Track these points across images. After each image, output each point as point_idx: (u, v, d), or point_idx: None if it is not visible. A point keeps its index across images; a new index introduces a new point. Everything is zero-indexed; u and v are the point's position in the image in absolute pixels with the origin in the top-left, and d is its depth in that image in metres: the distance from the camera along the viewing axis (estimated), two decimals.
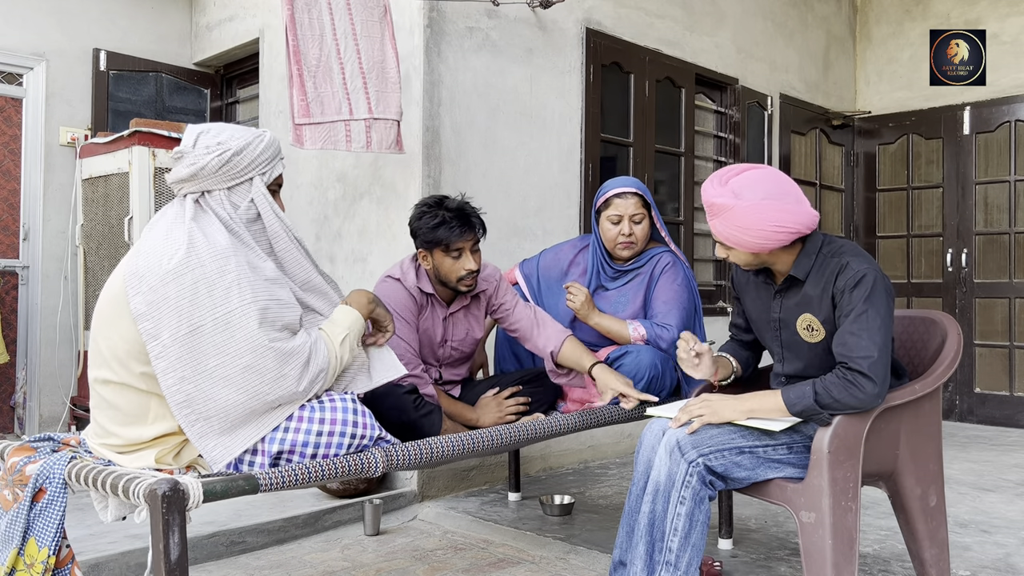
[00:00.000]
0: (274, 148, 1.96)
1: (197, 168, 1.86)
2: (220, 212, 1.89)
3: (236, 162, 1.88)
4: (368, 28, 3.27)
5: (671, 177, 4.83)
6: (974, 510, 3.38)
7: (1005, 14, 5.52)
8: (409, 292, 2.61)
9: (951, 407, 5.63)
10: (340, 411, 1.93)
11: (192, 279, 1.77)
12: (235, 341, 1.78)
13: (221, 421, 1.80)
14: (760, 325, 2.30)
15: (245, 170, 1.90)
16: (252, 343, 1.78)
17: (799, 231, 2.03)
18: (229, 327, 1.77)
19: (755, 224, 2.00)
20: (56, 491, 1.79)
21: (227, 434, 1.81)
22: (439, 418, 2.46)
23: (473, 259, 2.56)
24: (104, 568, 2.60)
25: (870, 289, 1.98)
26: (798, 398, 1.99)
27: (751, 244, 2.04)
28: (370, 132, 3.33)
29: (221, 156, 1.86)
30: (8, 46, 4.42)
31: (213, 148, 1.87)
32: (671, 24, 4.70)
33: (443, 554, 2.90)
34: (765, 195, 2.00)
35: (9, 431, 4.47)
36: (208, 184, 1.89)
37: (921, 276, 5.91)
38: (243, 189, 1.92)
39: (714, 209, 2.05)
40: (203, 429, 1.80)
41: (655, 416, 2.23)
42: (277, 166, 1.98)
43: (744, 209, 1.99)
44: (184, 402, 1.78)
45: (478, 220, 2.57)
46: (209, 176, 1.87)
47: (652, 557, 2.00)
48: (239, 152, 1.88)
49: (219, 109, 5.14)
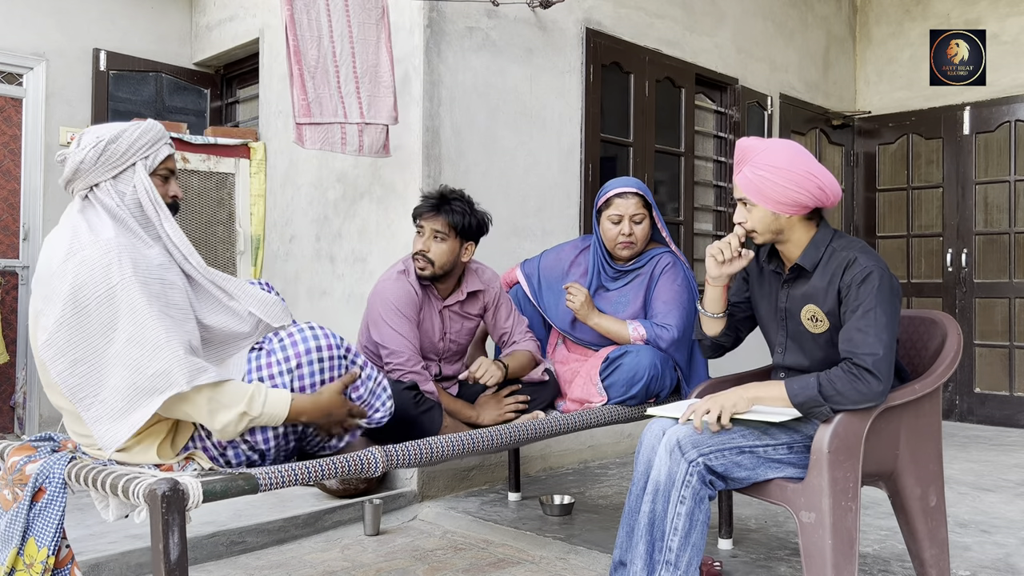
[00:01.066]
0: (154, 132, 1.95)
1: (77, 163, 1.88)
2: (107, 202, 1.89)
3: (113, 150, 1.89)
4: (364, 31, 3.27)
5: (671, 177, 4.83)
6: (974, 510, 3.38)
7: (1005, 14, 5.52)
8: (411, 286, 2.65)
9: (951, 407, 5.63)
10: (301, 342, 1.95)
11: (75, 265, 1.78)
12: (119, 315, 1.76)
13: (114, 402, 1.76)
14: (766, 314, 2.30)
15: (124, 156, 1.90)
16: (134, 314, 1.76)
17: (823, 191, 2.06)
18: (112, 302, 1.76)
19: (787, 163, 2.04)
20: (56, 491, 1.79)
21: (119, 419, 1.75)
22: (439, 415, 2.46)
23: (428, 243, 2.61)
24: (104, 568, 2.60)
25: (878, 286, 1.99)
26: (801, 388, 1.99)
27: (779, 192, 2.05)
28: (362, 136, 3.35)
29: (96, 147, 1.88)
30: (8, 46, 4.42)
31: (90, 142, 1.89)
32: (671, 24, 4.70)
33: (443, 554, 2.90)
34: (794, 147, 2.11)
35: (9, 431, 4.47)
36: (92, 177, 1.89)
37: (921, 276, 5.91)
38: (127, 176, 1.92)
39: (746, 153, 2.09)
40: (99, 412, 1.76)
41: (655, 416, 2.23)
42: (161, 150, 1.96)
43: (777, 151, 2.06)
44: (78, 385, 1.76)
45: (454, 210, 2.61)
46: (90, 169, 1.88)
47: (652, 557, 2.00)
48: (114, 140, 1.89)
49: (219, 109, 5.14)
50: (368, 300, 2.72)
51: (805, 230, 2.13)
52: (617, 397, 2.73)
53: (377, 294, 2.66)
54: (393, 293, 2.61)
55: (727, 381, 2.48)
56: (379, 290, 2.66)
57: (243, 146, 4.33)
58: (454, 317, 2.77)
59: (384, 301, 2.61)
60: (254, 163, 4.36)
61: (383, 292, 2.64)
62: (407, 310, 2.60)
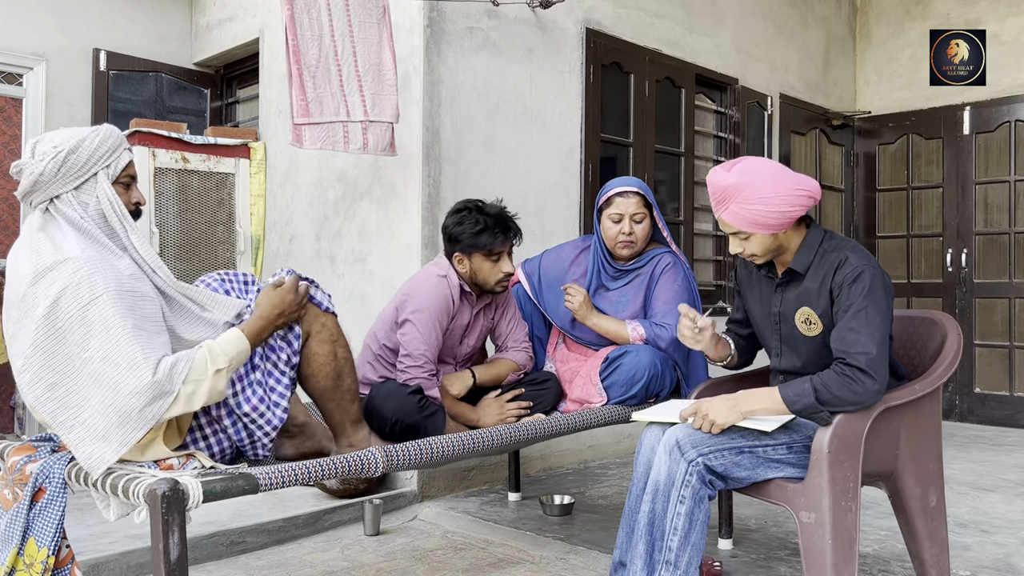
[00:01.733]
0: (113, 139, 1.90)
1: (36, 175, 1.81)
2: (70, 214, 1.84)
3: (73, 161, 1.83)
4: (366, 30, 3.28)
5: (671, 177, 4.83)
6: (974, 510, 3.38)
7: (1005, 14, 5.52)
8: (450, 292, 2.65)
9: (951, 407, 5.63)
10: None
11: (44, 287, 1.74)
12: (93, 334, 1.73)
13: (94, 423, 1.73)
14: (760, 320, 2.30)
15: (85, 167, 1.85)
16: (108, 331, 1.73)
17: (812, 195, 2.06)
18: (85, 321, 1.73)
19: (776, 191, 2.02)
20: (56, 491, 1.79)
21: (101, 440, 1.73)
22: (443, 419, 2.47)
23: (510, 263, 2.67)
24: (104, 568, 2.60)
25: (869, 285, 1.99)
26: (798, 396, 1.98)
27: (774, 217, 2.04)
28: (366, 134, 3.34)
29: (56, 158, 1.81)
30: (8, 46, 4.42)
31: (48, 153, 1.82)
32: (671, 24, 4.70)
33: (443, 554, 2.90)
34: (771, 168, 2.06)
35: (9, 431, 4.47)
36: (53, 189, 1.83)
37: (921, 276, 5.91)
38: (89, 187, 1.86)
39: (728, 193, 2.05)
40: (80, 435, 1.74)
41: (640, 420, 2.23)
42: (121, 157, 1.92)
43: (760, 181, 2.02)
44: (57, 410, 1.74)
45: (515, 226, 2.68)
46: (50, 181, 1.82)
47: (652, 557, 2.00)
48: (74, 150, 1.83)
49: (219, 109, 5.14)
50: (401, 294, 2.68)
51: (797, 235, 2.14)
52: (617, 397, 2.73)
53: (415, 295, 2.62)
54: (432, 298, 2.60)
55: (727, 381, 2.48)
56: (419, 292, 2.63)
57: (243, 146, 4.33)
58: (480, 320, 2.80)
59: (421, 303, 2.59)
60: (254, 163, 4.36)
61: (422, 295, 2.61)
62: (441, 317, 2.61)
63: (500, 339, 2.90)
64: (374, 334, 2.74)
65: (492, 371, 2.80)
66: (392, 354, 2.67)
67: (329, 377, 2.11)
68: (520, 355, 2.87)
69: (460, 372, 2.75)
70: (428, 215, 3.53)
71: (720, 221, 2.13)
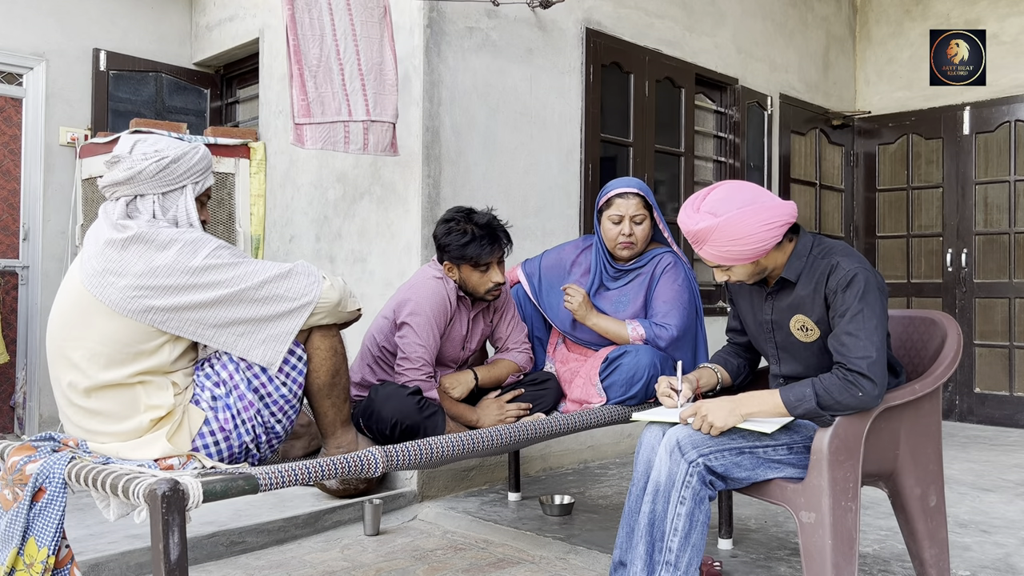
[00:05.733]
0: (207, 160, 2.07)
1: (135, 172, 1.94)
2: (148, 214, 1.98)
3: (173, 169, 1.98)
4: (367, 29, 3.28)
5: (671, 177, 4.83)
6: (974, 510, 3.38)
7: (1005, 14, 5.52)
8: (447, 294, 2.65)
9: (951, 407, 5.63)
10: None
11: (177, 249, 1.90)
12: (238, 269, 1.94)
13: (258, 331, 1.96)
14: (754, 328, 2.30)
15: (180, 177, 2.00)
16: (250, 264, 1.95)
17: (787, 221, 2.04)
18: (236, 267, 1.94)
19: (746, 230, 2.00)
20: (56, 491, 1.79)
21: (268, 343, 1.98)
22: (442, 420, 2.47)
23: (499, 272, 2.65)
24: (104, 568, 2.60)
25: (863, 288, 1.99)
26: (799, 400, 1.99)
27: (749, 252, 2.03)
28: (368, 134, 3.34)
29: (159, 162, 1.96)
30: (8, 46, 4.42)
31: (151, 155, 1.96)
32: (671, 24, 4.70)
33: (443, 554, 2.90)
34: (741, 203, 2.02)
35: (9, 431, 4.47)
36: (144, 188, 1.97)
37: (921, 276, 5.91)
38: (175, 196, 2.01)
39: (700, 235, 2.04)
40: (247, 344, 1.97)
41: (640, 420, 2.24)
42: (209, 178, 2.09)
43: (729, 221, 1.99)
44: (235, 338, 1.95)
45: (505, 235, 2.66)
46: (146, 180, 1.96)
47: (652, 557, 2.00)
48: (177, 160, 1.98)
49: (219, 109, 5.14)
50: (399, 295, 2.69)
51: (783, 252, 2.12)
52: (617, 397, 2.73)
53: (413, 299, 2.62)
54: (431, 300, 2.61)
55: None
56: (416, 294, 2.63)
57: (243, 146, 4.33)
58: (478, 323, 2.80)
59: (418, 305, 2.60)
60: (254, 163, 4.36)
61: (421, 296, 2.62)
62: (439, 319, 2.62)
63: (500, 342, 2.90)
64: (372, 336, 2.74)
65: (493, 372, 2.80)
66: (391, 356, 2.67)
67: (329, 373, 2.13)
68: (520, 357, 2.87)
69: (462, 373, 2.75)
70: (428, 215, 3.53)
71: (703, 258, 2.12)
